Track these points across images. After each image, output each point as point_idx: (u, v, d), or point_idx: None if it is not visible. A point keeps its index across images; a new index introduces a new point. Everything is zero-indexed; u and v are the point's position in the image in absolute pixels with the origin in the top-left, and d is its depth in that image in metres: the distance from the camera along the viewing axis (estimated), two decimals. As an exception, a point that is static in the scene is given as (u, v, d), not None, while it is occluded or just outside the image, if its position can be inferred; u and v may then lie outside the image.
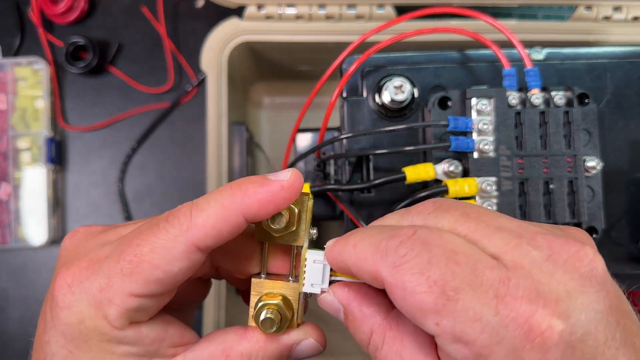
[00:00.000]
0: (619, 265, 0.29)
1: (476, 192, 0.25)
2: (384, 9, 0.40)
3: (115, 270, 0.19)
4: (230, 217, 0.19)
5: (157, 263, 0.19)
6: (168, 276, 0.19)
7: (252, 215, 0.19)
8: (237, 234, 0.20)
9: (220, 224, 0.19)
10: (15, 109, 0.47)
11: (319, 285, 0.21)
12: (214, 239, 0.19)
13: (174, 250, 0.19)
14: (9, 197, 0.46)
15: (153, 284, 0.19)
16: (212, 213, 0.19)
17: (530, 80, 0.27)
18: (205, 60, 0.40)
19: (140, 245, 0.19)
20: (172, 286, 0.20)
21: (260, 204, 0.19)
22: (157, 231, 0.19)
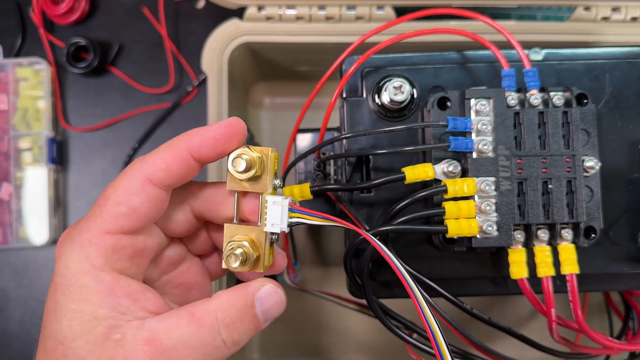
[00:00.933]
0: (617, 265, 0.29)
1: (475, 192, 0.25)
2: (383, 10, 0.40)
3: (91, 216, 0.22)
4: (176, 152, 0.22)
5: (119, 199, 0.21)
6: (132, 210, 0.21)
7: (196, 150, 0.22)
8: (190, 172, 0.22)
9: (169, 159, 0.22)
10: (17, 109, 0.47)
11: (278, 225, 0.23)
12: (164, 172, 0.22)
13: (131, 185, 0.21)
14: (10, 197, 0.46)
15: (121, 219, 0.21)
16: (161, 150, 0.22)
17: (529, 81, 0.27)
18: (206, 61, 0.40)
19: (107, 190, 0.22)
20: (139, 221, 0.22)
21: (202, 140, 0.22)
22: (120, 175, 0.22)
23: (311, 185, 0.29)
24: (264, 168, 0.23)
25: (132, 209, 0.21)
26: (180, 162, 0.22)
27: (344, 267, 0.29)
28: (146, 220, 0.22)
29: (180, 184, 0.23)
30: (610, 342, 0.28)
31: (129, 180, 0.22)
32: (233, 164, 0.23)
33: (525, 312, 0.46)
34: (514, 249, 0.26)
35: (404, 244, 0.29)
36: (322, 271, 0.48)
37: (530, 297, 0.26)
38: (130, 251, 0.22)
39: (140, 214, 0.22)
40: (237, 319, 0.21)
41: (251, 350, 0.47)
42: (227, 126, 0.22)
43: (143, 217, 0.22)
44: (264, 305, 0.22)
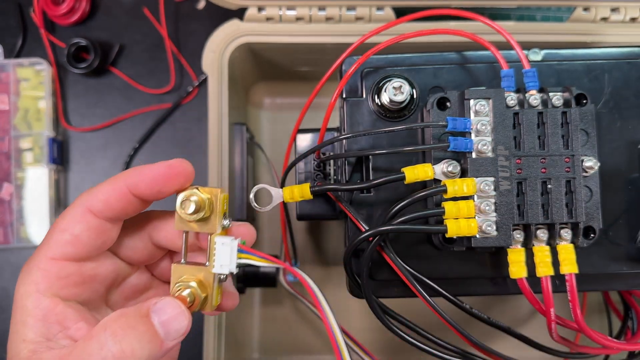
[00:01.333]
0: (617, 265, 0.29)
1: (474, 192, 0.26)
2: (383, 11, 0.40)
3: (42, 243, 0.23)
4: (116, 187, 0.23)
5: (64, 227, 0.22)
6: (74, 237, 0.22)
7: (134, 187, 0.23)
8: (131, 206, 0.23)
9: (108, 192, 0.23)
10: (18, 109, 0.47)
11: (227, 266, 0.24)
12: (103, 204, 0.22)
13: (74, 215, 0.23)
14: (11, 197, 0.46)
15: (64, 246, 0.22)
16: (104, 184, 0.23)
17: (528, 81, 0.27)
18: (206, 61, 0.40)
19: (57, 219, 0.23)
20: (82, 249, 0.23)
21: (140, 178, 0.23)
22: (69, 206, 0.23)
23: (311, 185, 0.29)
24: (212, 209, 0.24)
25: (74, 236, 0.22)
26: (118, 196, 0.23)
27: (344, 267, 0.29)
28: (90, 249, 0.23)
29: (124, 216, 0.24)
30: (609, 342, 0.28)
31: (72, 210, 0.23)
32: (181, 206, 0.23)
33: (525, 312, 0.47)
34: (513, 248, 0.26)
35: (403, 244, 0.29)
36: (322, 271, 0.48)
37: (530, 297, 0.26)
38: (77, 278, 0.23)
39: (83, 242, 0.23)
40: (127, 326, 0.21)
41: (251, 349, 0.47)
42: (167, 167, 0.23)
43: (86, 245, 0.23)
44: (161, 317, 0.21)
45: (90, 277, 0.24)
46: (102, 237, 0.23)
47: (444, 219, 0.26)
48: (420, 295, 0.27)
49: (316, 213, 0.33)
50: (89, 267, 0.23)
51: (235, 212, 0.43)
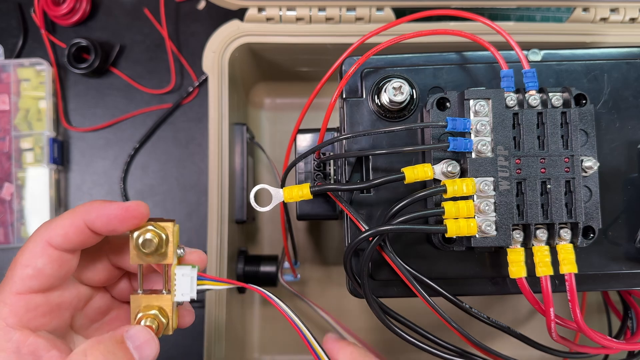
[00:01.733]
0: (616, 265, 0.29)
1: (474, 192, 0.26)
2: (383, 11, 0.40)
3: (5, 279, 0.24)
4: (74, 221, 0.23)
5: (25, 262, 0.23)
6: (37, 271, 0.23)
7: (90, 223, 0.24)
8: (88, 239, 0.24)
9: (67, 226, 0.23)
10: (18, 109, 0.47)
11: (188, 294, 0.25)
12: (62, 238, 0.23)
13: (34, 249, 0.23)
14: (12, 196, 0.46)
15: (28, 280, 0.23)
16: (62, 217, 0.24)
17: (528, 82, 0.27)
18: (207, 62, 0.40)
19: (17, 254, 0.24)
20: (46, 281, 0.23)
21: (97, 215, 0.24)
22: (27, 240, 0.24)
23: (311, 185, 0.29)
24: (167, 243, 0.25)
25: (37, 270, 0.23)
26: (76, 230, 0.24)
27: (344, 267, 0.29)
28: (54, 279, 0.24)
29: (83, 247, 0.25)
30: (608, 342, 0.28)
31: (32, 245, 0.24)
32: (136, 243, 0.24)
33: (524, 312, 0.47)
34: (512, 248, 0.26)
35: (403, 244, 0.29)
36: (322, 270, 0.48)
37: (529, 297, 0.26)
38: (45, 308, 0.24)
39: (46, 274, 0.23)
40: (107, 352, 0.22)
41: (252, 349, 0.47)
42: (123, 209, 0.24)
43: (49, 277, 0.24)
44: (135, 343, 0.23)
45: (57, 305, 0.25)
46: (64, 267, 0.24)
47: (443, 219, 0.26)
48: (420, 295, 0.27)
49: (316, 213, 0.34)
50: (55, 296, 0.24)
51: (236, 212, 0.43)
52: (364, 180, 0.30)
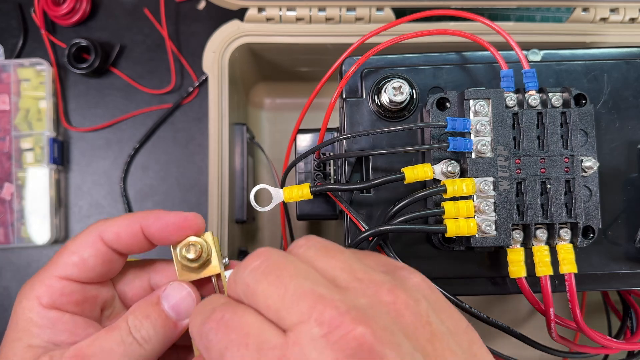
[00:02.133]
0: (616, 265, 0.29)
1: (474, 192, 0.26)
2: (383, 11, 0.40)
3: (49, 263, 0.24)
4: (130, 223, 0.24)
5: (74, 249, 0.24)
6: (82, 261, 0.24)
7: (146, 227, 0.24)
8: (138, 244, 0.25)
9: (122, 226, 0.24)
10: (19, 109, 0.47)
11: None
12: (114, 236, 0.24)
13: (86, 239, 0.24)
14: (12, 196, 0.46)
15: (71, 267, 0.24)
16: (120, 217, 0.25)
17: (528, 82, 0.27)
18: (207, 62, 0.40)
19: (68, 242, 0.25)
20: (87, 272, 0.24)
21: (158, 223, 0.24)
22: (82, 231, 0.25)
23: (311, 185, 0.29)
24: (210, 253, 0.25)
25: (82, 260, 0.24)
26: (130, 232, 0.24)
27: (344, 267, 0.29)
28: (94, 274, 0.24)
29: (130, 252, 0.25)
30: (608, 341, 0.28)
31: (85, 235, 0.24)
32: (182, 254, 0.25)
33: (524, 312, 0.47)
34: (512, 248, 0.26)
35: (403, 244, 0.29)
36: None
37: (529, 297, 0.26)
38: (79, 297, 0.24)
39: (89, 266, 0.24)
40: (143, 316, 0.23)
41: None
42: (182, 218, 0.25)
43: (91, 270, 0.24)
44: (170, 301, 0.24)
45: (92, 297, 0.25)
46: (108, 265, 0.25)
47: (443, 219, 0.26)
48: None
49: (316, 213, 0.34)
50: (91, 289, 0.25)
51: (236, 212, 0.43)
52: (364, 180, 0.30)
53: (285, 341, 0.17)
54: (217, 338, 0.19)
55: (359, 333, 0.17)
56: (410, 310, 0.18)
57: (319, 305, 0.17)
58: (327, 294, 0.18)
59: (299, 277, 0.19)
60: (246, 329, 0.18)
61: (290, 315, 0.18)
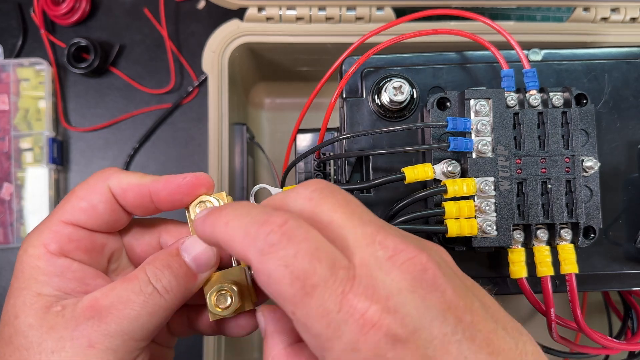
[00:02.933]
0: (617, 265, 0.29)
1: (474, 192, 0.26)
2: (383, 11, 0.40)
3: (56, 208, 0.23)
4: (139, 186, 0.23)
5: (82, 195, 0.23)
6: (90, 206, 0.23)
7: (156, 193, 0.23)
8: (143, 207, 0.24)
9: (131, 187, 0.23)
10: (18, 109, 0.47)
11: None
12: (121, 192, 0.23)
13: (94, 185, 0.23)
14: (11, 196, 0.46)
15: (79, 212, 0.23)
16: (129, 175, 0.24)
17: (528, 81, 0.27)
18: (207, 62, 0.40)
19: (75, 187, 0.24)
20: (95, 219, 0.23)
21: (166, 186, 0.23)
22: (89, 177, 0.24)
23: (311, 185, 0.29)
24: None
25: (91, 205, 0.23)
26: (138, 193, 0.23)
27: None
28: (102, 223, 0.23)
29: (133, 212, 0.24)
30: (609, 342, 0.28)
31: (93, 181, 0.23)
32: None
33: (525, 312, 0.47)
34: (513, 248, 0.26)
35: (403, 244, 0.29)
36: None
37: (530, 297, 0.26)
38: (87, 244, 0.23)
39: (98, 213, 0.23)
40: (163, 266, 0.22)
41: (252, 349, 0.47)
42: (194, 177, 0.24)
43: (99, 218, 0.23)
44: (191, 253, 0.23)
45: (100, 246, 0.24)
46: (116, 215, 0.24)
47: (444, 219, 0.26)
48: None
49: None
50: (99, 237, 0.24)
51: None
52: (364, 180, 0.30)
53: (351, 261, 0.17)
54: (282, 244, 0.17)
55: (424, 259, 0.17)
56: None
57: (381, 232, 0.18)
58: (387, 226, 0.18)
59: (363, 207, 0.19)
60: (315, 242, 0.17)
61: (356, 236, 0.18)
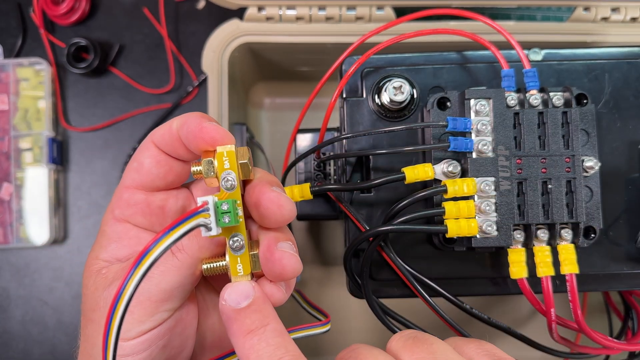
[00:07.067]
0: (617, 265, 0.29)
1: (475, 192, 0.26)
2: (383, 11, 0.40)
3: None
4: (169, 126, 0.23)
5: (134, 158, 0.24)
6: (140, 165, 0.24)
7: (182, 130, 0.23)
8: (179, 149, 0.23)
9: (165, 129, 0.23)
10: (17, 109, 0.47)
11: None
12: (160, 138, 0.23)
13: (143, 146, 0.24)
14: (11, 197, 0.46)
15: (133, 172, 0.24)
16: (169, 121, 0.23)
17: (529, 81, 0.27)
18: (206, 61, 0.40)
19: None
20: (145, 176, 0.24)
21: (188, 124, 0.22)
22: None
23: (311, 185, 0.29)
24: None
25: (140, 163, 0.24)
26: (170, 135, 0.23)
27: (344, 267, 0.29)
28: (153, 177, 0.24)
29: (178, 156, 0.24)
30: (609, 342, 0.28)
31: (143, 143, 0.24)
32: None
33: (525, 312, 0.46)
34: (513, 248, 0.26)
35: (403, 244, 0.29)
36: (322, 271, 0.48)
37: (530, 297, 0.26)
38: (144, 207, 0.24)
39: (146, 169, 0.24)
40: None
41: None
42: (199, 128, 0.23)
43: (149, 173, 0.24)
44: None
45: (159, 208, 0.24)
46: (164, 168, 0.24)
47: (444, 219, 0.26)
48: (420, 295, 0.27)
49: (316, 213, 0.33)
50: (157, 198, 0.24)
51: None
52: (364, 180, 0.30)
53: None
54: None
55: None
56: None
57: None
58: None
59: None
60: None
61: None
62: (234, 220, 0.21)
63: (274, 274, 0.22)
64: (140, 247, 0.23)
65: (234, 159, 0.22)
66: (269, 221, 0.22)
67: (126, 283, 0.18)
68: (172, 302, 0.22)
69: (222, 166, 0.22)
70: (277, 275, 0.22)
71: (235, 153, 0.22)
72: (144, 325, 0.22)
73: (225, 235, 0.22)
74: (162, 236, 0.19)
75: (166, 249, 0.19)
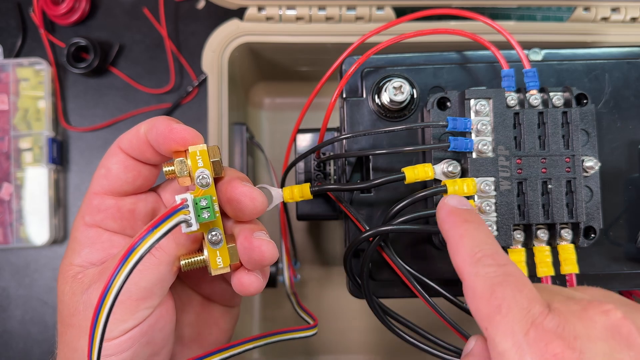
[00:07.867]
0: (617, 265, 0.29)
1: (475, 192, 0.26)
2: (383, 10, 0.40)
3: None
4: (139, 131, 0.24)
5: (102, 164, 0.25)
6: (107, 170, 0.24)
7: (150, 134, 0.23)
8: (148, 152, 0.24)
9: (132, 133, 0.24)
10: (17, 109, 0.47)
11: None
12: (127, 142, 0.24)
13: (109, 151, 0.25)
14: (10, 197, 0.46)
15: (101, 179, 0.24)
16: (136, 126, 0.24)
17: (529, 81, 0.27)
18: (206, 61, 0.40)
19: None
20: (113, 181, 0.24)
21: (151, 130, 0.23)
22: None
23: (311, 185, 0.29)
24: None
25: (107, 169, 0.24)
26: (138, 138, 0.24)
27: (344, 267, 0.29)
28: (121, 182, 0.24)
29: (146, 160, 0.24)
30: (609, 342, 0.28)
31: (109, 149, 0.25)
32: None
33: (525, 312, 0.46)
34: (513, 248, 0.26)
35: (404, 244, 0.29)
36: (322, 271, 0.48)
37: (530, 297, 0.26)
38: (114, 212, 0.24)
39: (114, 175, 0.24)
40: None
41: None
42: (169, 130, 0.23)
43: (117, 179, 0.24)
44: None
45: (129, 212, 0.25)
46: (130, 171, 0.24)
47: (444, 219, 0.26)
48: (420, 296, 0.27)
49: (316, 213, 0.33)
50: (127, 202, 0.25)
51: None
52: (364, 180, 0.30)
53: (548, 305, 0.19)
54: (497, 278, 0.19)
55: (619, 314, 0.19)
56: None
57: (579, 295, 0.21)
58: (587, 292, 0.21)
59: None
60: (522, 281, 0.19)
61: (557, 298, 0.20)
62: (212, 215, 0.22)
63: (254, 261, 0.23)
64: (114, 250, 0.24)
65: (207, 157, 0.23)
66: (243, 214, 0.23)
67: (112, 282, 0.19)
68: (152, 300, 0.23)
69: (196, 165, 0.23)
70: (257, 261, 0.23)
71: (207, 152, 0.23)
72: (126, 324, 0.22)
73: (203, 230, 0.23)
74: (146, 234, 0.19)
75: (152, 246, 0.19)
